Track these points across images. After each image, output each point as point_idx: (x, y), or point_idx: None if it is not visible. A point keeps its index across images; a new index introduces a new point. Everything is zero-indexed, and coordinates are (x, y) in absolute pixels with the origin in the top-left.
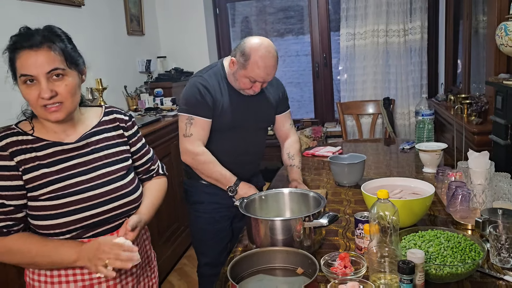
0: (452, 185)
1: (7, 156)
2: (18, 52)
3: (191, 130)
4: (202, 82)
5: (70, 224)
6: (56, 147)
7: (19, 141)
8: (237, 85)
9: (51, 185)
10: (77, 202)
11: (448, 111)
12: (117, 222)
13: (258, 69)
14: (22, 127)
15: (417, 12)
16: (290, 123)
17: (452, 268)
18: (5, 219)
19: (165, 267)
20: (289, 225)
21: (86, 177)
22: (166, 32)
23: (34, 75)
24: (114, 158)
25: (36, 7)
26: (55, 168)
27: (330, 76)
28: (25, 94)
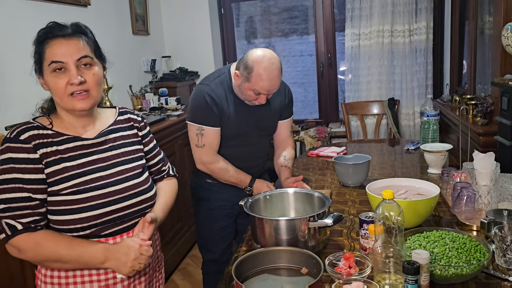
0: (457, 186)
1: (31, 149)
2: (48, 42)
3: (203, 141)
4: (208, 92)
5: (90, 219)
6: (76, 142)
7: (40, 134)
8: (242, 97)
9: (73, 180)
10: (98, 197)
11: (454, 112)
12: (132, 221)
13: (262, 81)
14: (40, 121)
15: (423, 13)
16: (291, 130)
17: (457, 269)
18: (32, 214)
19: (168, 267)
20: (294, 225)
21: (105, 173)
22: (171, 32)
23: (64, 61)
24: (130, 156)
25: (43, 7)
26: (76, 163)
27: (335, 76)
28: (53, 83)
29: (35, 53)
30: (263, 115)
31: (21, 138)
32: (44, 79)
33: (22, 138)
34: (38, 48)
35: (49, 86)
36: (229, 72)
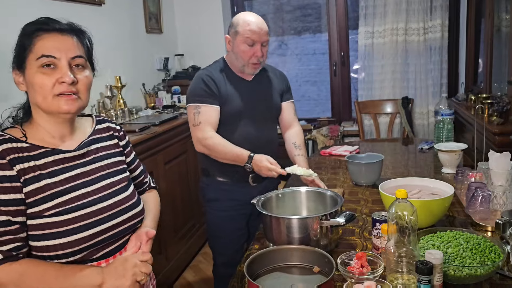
0: (472, 186)
1: (7, 165)
2: (41, 34)
3: (199, 118)
4: (206, 73)
5: (79, 242)
6: (56, 155)
7: (14, 148)
8: (240, 62)
9: (56, 198)
10: (86, 217)
11: (469, 111)
12: (123, 239)
13: (249, 25)
14: (12, 133)
15: (438, 10)
16: (294, 113)
17: (471, 269)
18: (12, 240)
19: (180, 264)
20: (306, 223)
21: (91, 188)
22: (184, 30)
23: (57, 57)
24: (114, 168)
25: (57, 6)
26: (58, 179)
27: (348, 74)
28: (39, 79)
29: (18, 45)
30: (265, 93)
31: None
32: (26, 75)
33: None
34: (24, 40)
35: (32, 83)
36: (223, 59)
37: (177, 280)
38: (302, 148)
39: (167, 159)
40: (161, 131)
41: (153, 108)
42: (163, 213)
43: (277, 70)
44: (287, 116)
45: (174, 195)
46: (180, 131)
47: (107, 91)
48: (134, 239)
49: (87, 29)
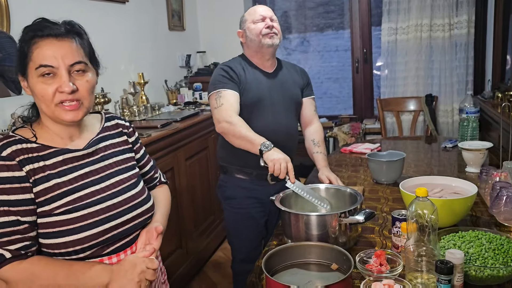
0: (496, 185)
1: (16, 166)
2: (37, 42)
3: (221, 101)
4: (226, 63)
5: (89, 239)
6: (65, 155)
7: (24, 149)
8: (256, 42)
9: (65, 197)
10: (95, 214)
11: (495, 109)
12: (133, 235)
13: (253, 9)
14: (22, 134)
15: (464, 6)
16: (314, 109)
17: (493, 270)
18: (22, 239)
19: (201, 259)
20: (325, 220)
21: (100, 186)
22: (206, 28)
23: (55, 66)
24: (123, 165)
25: (82, 4)
26: (67, 178)
27: (370, 71)
28: (40, 89)
29: (19, 51)
30: (284, 83)
31: (3, 154)
32: (29, 82)
33: (4, 155)
34: (23, 46)
35: (34, 92)
36: (241, 54)
37: (197, 275)
38: (321, 146)
39: (188, 155)
40: (182, 127)
41: (175, 104)
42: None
43: (298, 66)
44: (308, 112)
45: (195, 191)
46: (201, 128)
47: (130, 87)
48: (144, 234)
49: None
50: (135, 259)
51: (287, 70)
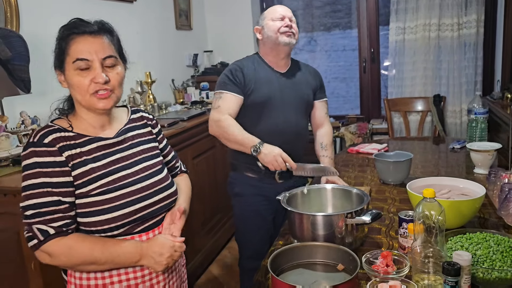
0: (505, 187)
1: (56, 152)
2: (74, 38)
3: (218, 102)
4: (236, 64)
5: (122, 218)
6: (98, 142)
7: (62, 137)
8: (273, 39)
9: (100, 180)
10: (127, 195)
11: (504, 109)
12: (160, 216)
13: (273, 9)
14: (60, 124)
15: (473, 5)
16: (326, 112)
17: (501, 272)
18: (63, 217)
19: (207, 258)
20: (331, 220)
21: (130, 170)
22: (213, 27)
23: (90, 59)
24: (149, 153)
25: (90, 3)
26: (101, 163)
27: (378, 71)
28: (76, 80)
29: (57, 48)
30: (296, 83)
31: (45, 141)
32: (66, 75)
33: (47, 142)
34: (61, 43)
35: (71, 83)
36: (256, 53)
37: (203, 274)
38: (328, 149)
39: (195, 153)
40: (189, 126)
41: (182, 103)
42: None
43: (311, 67)
44: (319, 115)
45: (202, 190)
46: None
47: (138, 86)
48: (168, 216)
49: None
50: (164, 242)
51: (300, 71)
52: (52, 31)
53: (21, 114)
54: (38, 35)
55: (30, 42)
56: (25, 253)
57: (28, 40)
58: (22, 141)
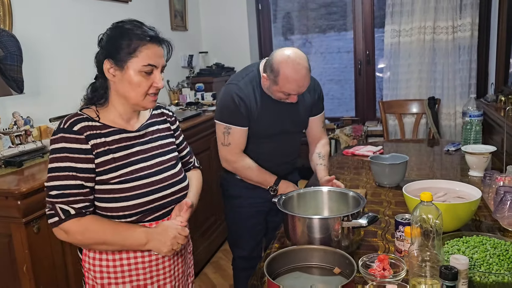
0: (500, 190)
1: (84, 140)
2: (146, 44)
3: (229, 139)
4: (237, 92)
5: (136, 207)
6: (121, 134)
7: (90, 126)
8: (273, 97)
9: (120, 170)
10: (143, 186)
11: (498, 112)
12: (169, 208)
13: (289, 83)
14: (88, 113)
15: (468, 8)
16: (323, 125)
17: (498, 276)
18: (83, 200)
19: (201, 260)
20: (327, 224)
21: (148, 163)
22: (209, 28)
23: (156, 66)
24: (166, 148)
25: (85, 3)
26: (122, 154)
27: (373, 73)
28: (138, 80)
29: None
30: (295, 111)
31: (74, 129)
32: (124, 72)
33: (76, 129)
34: (130, 43)
35: (129, 81)
36: (257, 70)
37: (197, 276)
38: (325, 159)
39: None
40: (184, 127)
41: (177, 105)
42: None
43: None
44: (316, 130)
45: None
46: (203, 128)
47: None
48: (176, 208)
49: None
50: (168, 225)
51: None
52: (45, 31)
53: (14, 114)
54: (31, 34)
55: (23, 42)
56: (17, 256)
57: (21, 39)
58: (14, 142)
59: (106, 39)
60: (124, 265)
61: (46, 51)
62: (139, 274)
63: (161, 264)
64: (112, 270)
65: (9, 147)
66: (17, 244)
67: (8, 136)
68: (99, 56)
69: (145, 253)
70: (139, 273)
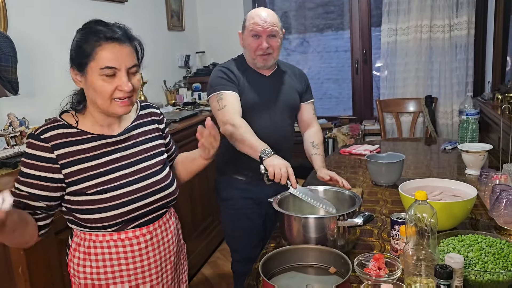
0: (496, 188)
1: (49, 148)
2: (101, 44)
3: (223, 102)
4: (223, 65)
5: (117, 217)
6: (101, 140)
7: (64, 133)
8: (250, 55)
9: (98, 178)
10: (123, 196)
11: (495, 110)
12: (154, 215)
13: (253, 19)
14: (66, 119)
15: (464, 7)
16: (314, 112)
17: (493, 275)
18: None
19: (198, 260)
20: (323, 223)
21: (129, 170)
22: (205, 28)
23: (117, 68)
24: (152, 152)
25: (80, 3)
26: (100, 161)
27: (370, 72)
28: (100, 85)
29: (79, 50)
30: (281, 86)
31: (42, 136)
32: (87, 77)
33: (43, 137)
34: (85, 46)
35: (93, 87)
36: (240, 55)
37: (195, 276)
38: (319, 148)
39: None
40: (181, 127)
41: (174, 105)
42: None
43: (297, 69)
44: (307, 116)
45: (193, 192)
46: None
47: None
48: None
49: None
50: None
51: (286, 74)
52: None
53: (9, 115)
54: (26, 36)
55: (17, 43)
56: (13, 257)
57: (15, 40)
58: (9, 143)
59: (71, 45)
60: (108, 273)
61: (41, 52)
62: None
63: (147, 272)
64: (96, 277)
65: (4, 148)
66: None
67: (3, 137)
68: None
69: (129, 260)
70: (123, 281)
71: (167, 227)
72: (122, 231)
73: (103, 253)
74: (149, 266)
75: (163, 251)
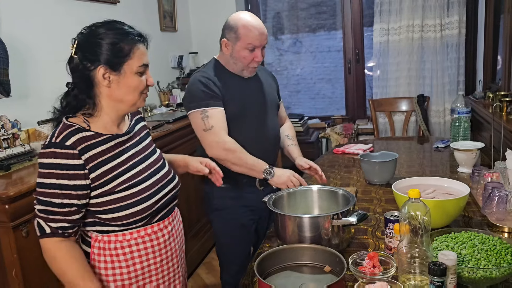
0: (488, 186)
1: (76, 155)
2: (137, 44)
3: (210, 122)
4: (202, 75)
5: (144, 211)
6: (115, 140)
7: (84, 137)
8: (239, 66)
9: (121, 176)
10: (147, 189)
11: (486, 109)
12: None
13: (250, 31)
14: (77, 122)
15: (455, 6)
16: (284, 110)
17: (486, 271)
18: (61, 220)
19: (193, 261)
20: (317, 222)
21: (144, 165)
22: (198, 29)
23: (148, 64)
24: (151, 147)
25: (72, 4)
26: (121, 159)
27: (362, 72)
28: (135, 82)
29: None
30: (263, 88)
31: (67, 143)
32: (121, 76)
33: (69, 144)
34: (124, 45)
35: (127, 83)
36: (214, 59)
37: (190, 277)
38: (294, 140)
39: None
40: (174, 128)
41: (167, 106)
42: None
43: (267, 69)
44: (280, 114)
45: (188, 193)
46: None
47: None
48: None
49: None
50: None
51: (262, 74)
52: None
53: (1, 118)
54: (18, 37)
55: (9, 44)
56: (6, 260)
57: (7, 42)
58: (2, 145)
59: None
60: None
61: (33, 54)
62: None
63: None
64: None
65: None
66: (6, 248)
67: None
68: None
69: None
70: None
71: (178, 216)
72: (148, 225)
73: (132, 251)
74: (171, 256)
75: (180, 239)
